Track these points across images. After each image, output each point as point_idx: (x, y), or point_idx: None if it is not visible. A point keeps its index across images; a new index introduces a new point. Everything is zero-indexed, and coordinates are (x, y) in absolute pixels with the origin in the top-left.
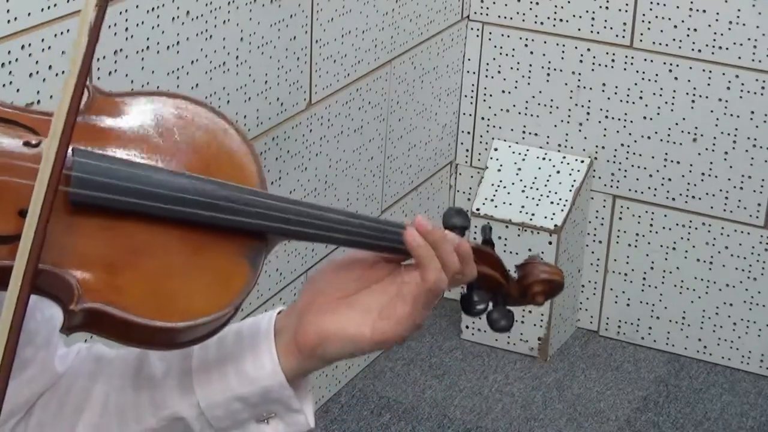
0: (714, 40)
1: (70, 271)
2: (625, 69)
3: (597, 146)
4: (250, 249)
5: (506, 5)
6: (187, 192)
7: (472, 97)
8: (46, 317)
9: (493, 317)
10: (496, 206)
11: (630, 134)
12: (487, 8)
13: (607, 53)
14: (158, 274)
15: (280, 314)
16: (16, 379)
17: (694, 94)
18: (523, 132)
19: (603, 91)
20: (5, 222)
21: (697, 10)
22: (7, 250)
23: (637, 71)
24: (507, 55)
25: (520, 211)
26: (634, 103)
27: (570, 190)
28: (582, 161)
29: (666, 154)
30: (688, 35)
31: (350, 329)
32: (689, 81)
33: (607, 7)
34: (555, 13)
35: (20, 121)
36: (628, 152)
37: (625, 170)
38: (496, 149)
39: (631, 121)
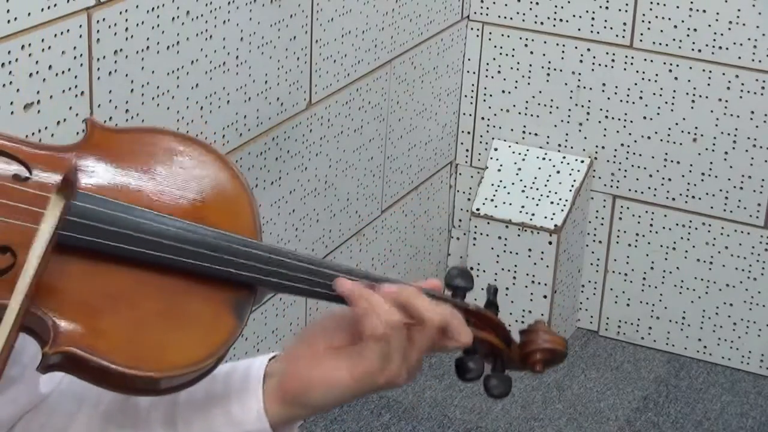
0: (714, 40)
1: (47, 312)
2: (625, 69)
3: (597, 146)
4: (237, 300)
5: (506, 5)
6: (174, 239)
7: (472, 97)
8: None
9: (490, 384)
10: (496, 206)
11: (630, 134)
12: (487, 8)
13: (607, 53)
14: (139, 321)
15: (272, 360)
16: (1, 397)
17: (694, 94)
18: (523, 132)
19: (603, 91)
20: None
21: (697, 10)
22: None
23: (637, 71)
24: (507, 55)
25: (520, 211)
26: (634, 103)
27: (570, 190)
28: (582, 161)
29: (666, 154)
30: (688, 35)
31: (331, 375)
32: (689, 81)
33: (607, 7)
34: (555, 13)
35: (14, 154)
36: (628, 152)
37: (625, 170)
38: (496, 149)
39: (631, 121)
